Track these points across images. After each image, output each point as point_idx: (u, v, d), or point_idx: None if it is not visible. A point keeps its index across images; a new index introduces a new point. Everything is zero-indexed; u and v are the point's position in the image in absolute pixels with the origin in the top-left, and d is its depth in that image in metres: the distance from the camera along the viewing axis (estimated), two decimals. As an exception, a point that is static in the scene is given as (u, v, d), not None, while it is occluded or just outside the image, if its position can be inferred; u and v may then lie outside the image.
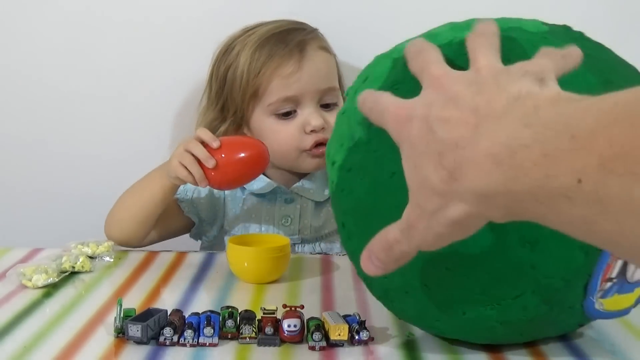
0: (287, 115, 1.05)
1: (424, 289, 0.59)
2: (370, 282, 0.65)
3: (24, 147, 1.28)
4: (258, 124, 1.07)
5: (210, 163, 0.91)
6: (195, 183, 0.93)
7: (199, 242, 1.16)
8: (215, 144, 0.92)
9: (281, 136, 1.05)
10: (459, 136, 0.41)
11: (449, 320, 0.61)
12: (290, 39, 1.06)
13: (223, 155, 0.92)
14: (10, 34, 1.24)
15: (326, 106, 1.07)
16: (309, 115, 1.04)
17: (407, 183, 0.46)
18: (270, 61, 1.04)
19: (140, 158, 1.26)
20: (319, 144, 1.04)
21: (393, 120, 0.47)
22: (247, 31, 1.09)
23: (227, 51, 1.09)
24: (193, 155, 0.92)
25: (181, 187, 1.04)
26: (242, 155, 0.93)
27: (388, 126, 0.47)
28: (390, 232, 0.48)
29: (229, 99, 1.07)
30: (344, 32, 1.15)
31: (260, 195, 1.09)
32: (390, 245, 0.48)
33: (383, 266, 0.49)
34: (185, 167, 0.92)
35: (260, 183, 1.08)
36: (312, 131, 1.04)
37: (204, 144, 0.93)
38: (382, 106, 0.48)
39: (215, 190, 1.08)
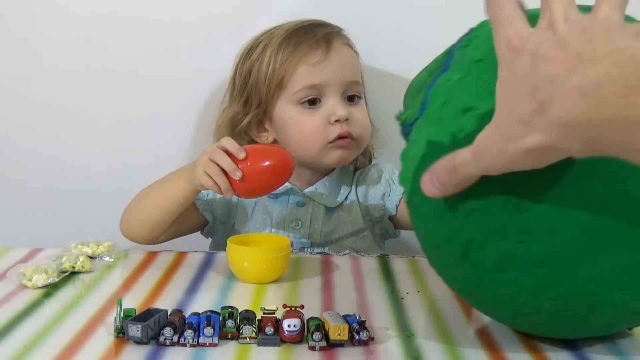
0: (312, 104, 1.04)
1: (571, 262, 0.55)
2: (484, 245, 0.57)
3: (25, 147, 1.28)
4: (282, 114, 1.06)
5: (237, 175, 0.90)
6: (221, 193, 0.92)
7: (204, 241, 1.15)
8: (241, 154, 0.91)
9: (305, 126, 1.04)
10: (556, 74, 0.45)
11: (572, 300, 0.57)
12: (317, 31, 1.07)
13: (248, 164, 0.91)
14: (31, 35, 1.24)
15: (350, 99, 1.07)
16: (334, 106, 1.04)
17: (496, 105, 0.49)
18: (298, 50, 1.04)
19: (139, 159, 1.26)
20: (342, 137, 1.04)
21: (505, 43, 0.49)
22: (271, 29, 1.09)
23: (251, 48, 1.09)
24: (219, 165, 0.91)
25: None
26: (267, 163, 0.92)
27: (498, 43, 0.50)
28: (460, 155, 0.52)
29: (253, 91, 1.07)
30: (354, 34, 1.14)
31: (273, 197, 1.09)
32: (455, 167, 0.52)
33: (443, 188, 0.54)
34: (211, 177, 0.91)
35: None
36: (336, 121, 1.04)
37: (228, 153, 0.92)
38: (502, 19, 0.50)
39: None
